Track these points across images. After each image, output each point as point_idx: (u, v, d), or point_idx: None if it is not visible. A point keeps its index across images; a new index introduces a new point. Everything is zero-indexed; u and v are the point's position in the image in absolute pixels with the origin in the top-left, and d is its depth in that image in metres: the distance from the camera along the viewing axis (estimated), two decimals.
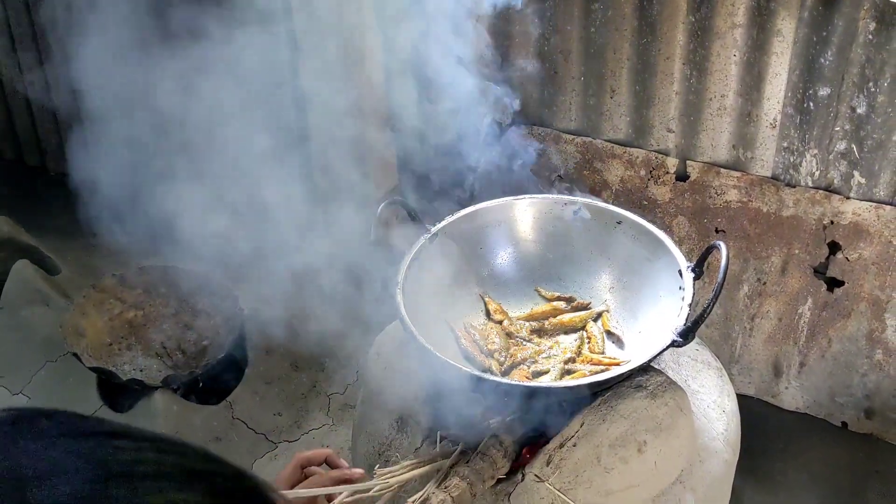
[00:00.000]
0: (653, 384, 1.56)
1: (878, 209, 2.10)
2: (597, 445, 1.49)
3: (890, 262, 2.12)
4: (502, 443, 1.51)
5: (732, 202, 2.27)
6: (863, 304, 2.20)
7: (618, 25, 2.22)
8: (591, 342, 1.69)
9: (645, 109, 2.30)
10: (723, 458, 1.66)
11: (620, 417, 1.51)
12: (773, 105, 2.12)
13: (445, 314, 1.73)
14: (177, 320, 2.23)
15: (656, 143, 2.34)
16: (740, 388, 2.43)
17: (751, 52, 2.08)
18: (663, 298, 1.64)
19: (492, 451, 1.49)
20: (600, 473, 1.49)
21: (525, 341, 1.73)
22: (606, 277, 1.79)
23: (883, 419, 2.27)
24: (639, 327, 1.69)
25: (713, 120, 2.22)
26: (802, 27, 1.98)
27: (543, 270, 1.84)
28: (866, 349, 2.23)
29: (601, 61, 2.29)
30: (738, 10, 2.04)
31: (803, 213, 2.19)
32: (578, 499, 1.48)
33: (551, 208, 1.82)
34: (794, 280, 2.26)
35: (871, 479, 2.15)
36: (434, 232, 1.75)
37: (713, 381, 1.79)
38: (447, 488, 1.38)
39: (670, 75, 2.22)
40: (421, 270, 1.70)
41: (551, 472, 1.49)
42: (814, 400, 2.36)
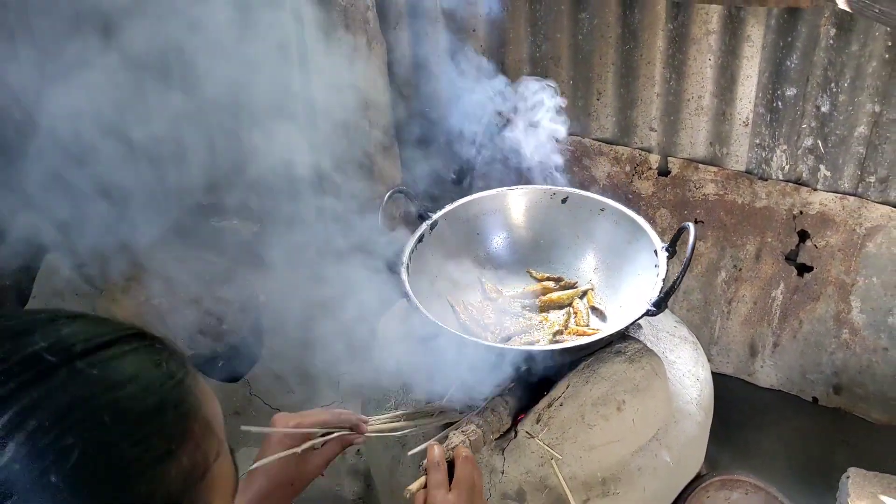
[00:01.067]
0: (631, 350, 1.73)
1: (842, 200, 2.23)
2: (581, 405, 1.66)
3: (854, 248, 2.25)
4: (507, 401, 1.68)
5: (710, 195, 2.42)
6: (830, 288, 2.33)
7: (603, 33, 2.38)
8: (577, 316, 1.86)
9: (629, 110, 2.45)
10: (696, 421, 1.83)
11: (602, 379, 1.68)
12: (746, 105, 2.26)
13: (446, 293, 1.90)
14: (197, 307, 2.41)
15: (640, 142, 2.49)
16: (719, 367, 2.58)
17: (724, 56, 2.22)
18: (641, 276, 1.80)
19: (499, 407, 1.66)
20: (584, 430, 1.66)
21: (518, 317, 1.89)
22: (591, 259, 1.97)
23: (850, 394, 2.41)
24: (619, 302, 1.86)
25: (691, 119, 2.37)
26: (770, 33, 2.13)
27: (534, 253, 2.01)
28: (834, 329, 2.37)
29: (588, 66, 2.45)
30: (711, 18, 2.19)
31: (775, 205, 2.33)
32: (565, 453, 1.64)
33: (541, 197, 2.00)
34: (768, 266, 2.41)
35: (839, 449, 2.30)
36: (435, 219, 1.92)
37: (689, 354, 1.96)
38: (465, 433, 1.54)
39: (652, 78, 2.36)
40: (423, 253, 1.87)
41: (540, 429, 1.66)
42: (787, 377, 2.50)
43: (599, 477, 1.67)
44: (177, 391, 0.66)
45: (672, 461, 1.74)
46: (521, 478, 1.64)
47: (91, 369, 0.61)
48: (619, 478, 1.68)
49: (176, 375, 0.67)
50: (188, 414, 0.66)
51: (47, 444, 0.57)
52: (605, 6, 2.33)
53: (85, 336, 0.64)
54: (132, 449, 0.60)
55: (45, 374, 0.60)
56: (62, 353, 0.61)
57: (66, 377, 0.60)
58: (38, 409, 0.58)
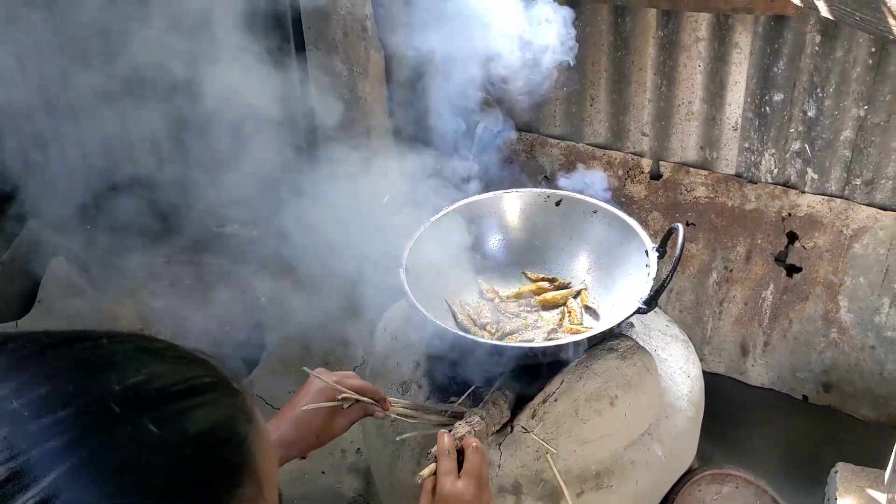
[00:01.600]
0: (623, 347, 1.78)
1: (829, 202, 2.29)
2: (575, 400, 1.71)
3: (841, 249, 2.31)
4: (506, 395, 1.74)
5: (701, 198, 2.48)
6: (819, 288, 2.39)
7: (596, 41, 2.44)
8: (571, 315, 1.91)
9: (621, 116, 2.51)
10: (687, 416, 1.87)
11: (595, 375, 1.73)
12: (735, 110, 2.32)
13: (443, 292, 1.95)
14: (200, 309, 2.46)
15: (632, 146, 2.55)
16: (711, 366, 2.63)
17: (713, 62, 2.28)
18: (633, 275, 1.85)
19: (499, 401, 1.71)
20: (578, 424, 1.71)
21: (513, 316, 1.94)
22: (584, 260, 2.02)
23: (839, 392, 2.47)
24: (612, 301, 1.91)
25: (682, 124, 2.42)
26: (757, 40, 2.18)
27: (529, 255, 2.06)
28: (823, 329, 2.43)
29: (582, 73, 2.51)
30: (700, 26, 2.25)
31: (764, 207, 2.38)
32: (559, 447, 1.69)
33: (535, 200, 2.06)
34: (758, 267, 2.47)
35: (828, 445, 2.35)
36: (432, 221, 1.98)
37: (680, 351, 2.01)
38: (471, 423, 1.60)
39: (643, 85, 2.42)
40: (421, 254, 1.91)
41: (536, 424, 1.70)
42: (777, 376, 2.56)
43: (593, 470, 1.72)
44: (236, 454, 0.65)
45: (664, 455, 1.78)
46: (517, 471, 1.69)
47: (155, 427, 0.60)
48: (612, 471, 1.73)
49: (239, 435, 0.66)
50: (243, 478, 0.65)
51: (101, 499, 0.57)
52: (598, 14, 2.39)
53: (159, 384, 0.63)
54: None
55: (111, 425, 0.59)
56: (133, 403, 0.61)
57: (129, 433, 0.59)
58: (97, 462, 0.58)
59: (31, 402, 0.59)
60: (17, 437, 0.57)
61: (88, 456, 0.58)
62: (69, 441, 0.58)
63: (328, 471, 2.29)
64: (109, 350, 0.65)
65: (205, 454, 0.62)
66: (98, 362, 0.63)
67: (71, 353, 0.63)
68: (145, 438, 0.60)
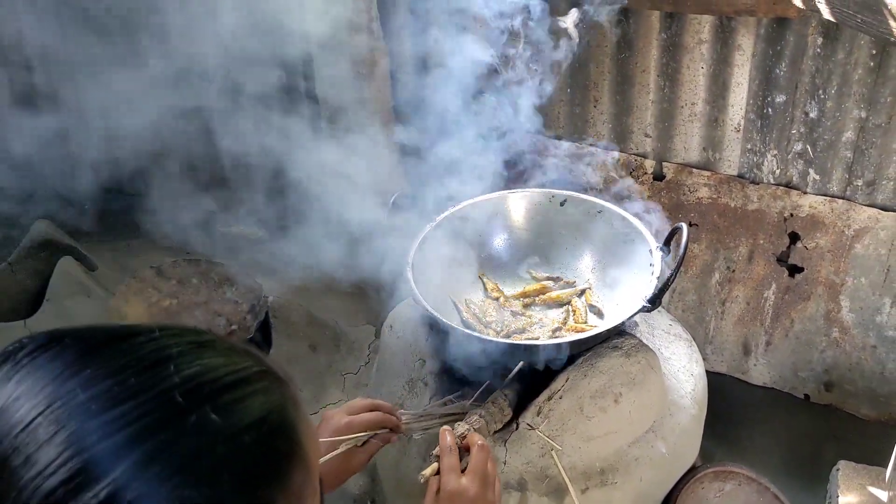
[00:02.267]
0: (627, 345, 1.80)
1: (831, 202, 2.31)
2: (579, 397, 1.73)
3: (843, 249, 2.33)
4: (506, 395, 1.76)
5: (704, 198, 2.50)
6: (820, 288, 2.41)
7: (599, 42, 2.46)
8: (576, 314, 1.93)
9: (625, 117, 2.53)
10: (690, 414, 1.89)
11: (599, 373, 1.75)
12: (737, 111, 2.34)
13: (449, 291, 1.97)
14: (207, 308, 2.47)
15: (635, 147, 2.57)
16: (713, 366, 2.65)
17: (716, 64, 2.31)
18: (637, 275, 1.87)
19: (499, 400, 1.73)
20: (583, 421, 1.72)
21: (518, 315, 1.96)
22: (589, 259, 2.04)
23: (841, 391, 2.49)
24: (616, 300, 1.93)
25: (685, 125, 2.45)
26: (760, 42, 2.21)
27: (534, 254, 2.08)
28: (824, 328, 2.45)
29: (585, 74, 2.54)
30: (703, 28, 2.27)
31: (766, 208, 2.40)
32: (564, 443, 1.71)
33: (541, 200, 2.08)
34: (760, 267, 2.49)
35: (829, 443, 2.37)
36: (439, 220, 2.00)
37: (683, 350, 2.03)
38: (470, 423, 1.62)
39: (646, 86, 2.44)
40: (427, 254, 1.93)
41: (541, 421, 1.72)
42: (779, 375, 2.58)
43: (598, 467, 1.74)
44: (289, 440, 0.67)
45: (667, 452, 1.80)
46: (523, 468, 1.71)
47: (216, 415, 0.62)
48: (616, 468, 1.75)
49: (289, 422, 0.68)
50: (295, 465, 0.67)
51: (167, 492, 0.58)
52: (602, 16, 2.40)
53: (215, 375, 0.65)
54: (241, 502, 0.62)
55: (175, 418, 0.61)
56: (192, 395, 0.62)
57: (193, 424, 0.61)
58: (163, 454, 0.59)
59: (95, 396, 0.60)
60: (84, 432, 0.59)
61: (154, 448, 0.59)
62: (134, 434, 0.59)
63: None
64: (164, 343, 0.66)
65: (261, 441, 0.64)
66: (155, 356, 0.64)
67: (128, 348, 0.65)
68: (207, 427, 0.61)
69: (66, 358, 0.63)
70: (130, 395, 0.61)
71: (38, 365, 0.63)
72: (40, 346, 0.64)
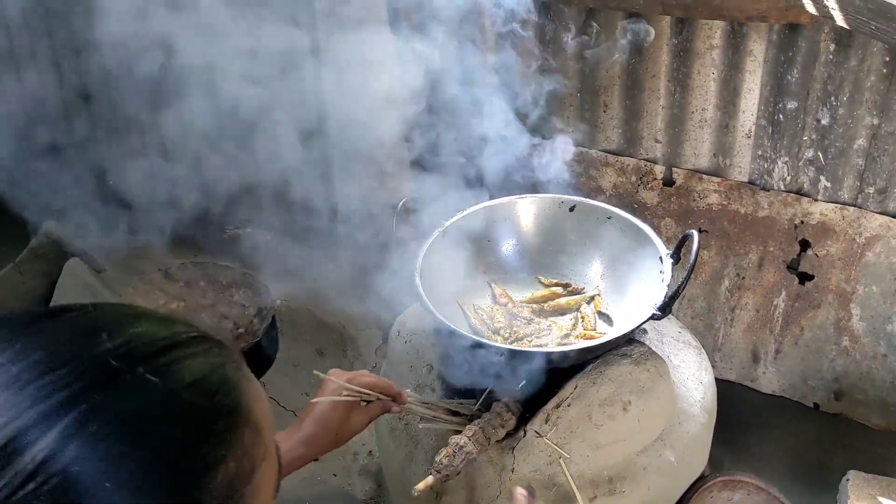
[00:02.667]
0: (636, 353, 1.79)
1: (842, 210, 2.29)
2: (588, 405, 1.72)
3: (854, 257, 2.32)
4: (507, 406, 1.75)
5: (714, 205, 2.48)
6: (831, 296, 2.39)
7: (609, 47, 2.46)
8: (585, 321, 1.92)
9: (635, 122, 2.51)
10: (700, 422, 1.88)
11: (608, 381, 1.74)
12: (748, 117, 2.32)
13: (457, 297, 1.96)
14: (214, 311, 2.47)
15: (645, 153, 2.56)
16: (722, 373, 2.64)
17: (727, 70, 2.29)
18: (647, 281, 1.86)
19: (500, 409, 1.72)
20: (591, 429, 1.72)
21: (527, 321, 1.95)
22: (598, 265, 2.03)
23: (850, 400, 2.47)
24: (626, 307, 1.92)
25: (695, 131, 2.43)
26: (771, 48, 2.19)
27: (543, 260, 2.07)
28: (834, 336, 2.43)
29: (595, 79, 2.53)
30: (714, 33, 2.25)
31: (777, 214, 2.39)
32: (573, 451, 1.70)
33: (550, 206, 2.07)
34: (770, 274, 2.47)
35: (839, 452, 2.35)
36: (447, 226, 1.99)
37: (692, 358, 2.02)
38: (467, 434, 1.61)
39: (657, 91, 2.43)
40: (435, 259, 1.92)
41: (549, 429, 1.72)
42: (789, 383, 2.56)
43: (606, 475, 1.73)
44: (231, 398, 0.67)
45: (676, 461, 1.79)
46: (530, 476, 1.70)
47: (152, 376, 0.62)
48: (624, 476, 1.74)
49: (231, 381, 0.68)
50: (240, 421, 0.67)
51: (104, 451, 0.58)
52: (612, 21, 2.40)
53: (149, 339, 0.65)
54: (185, 459, 0.62)
55: (110, 379, 0.61)
56: (127, 358, 0.63)
57: (128, 384, 0.61)
58: (100, 414, 0.59)
59: (26, 367, 0.60)
60: (16, 401, 0.58)
61: (89, 410, 0.59)
62: (68, 398, 0.59)
63: (340, 473, 2.31)
64: (96, 316, 0.67)
65: (202, 399, 0.65)
66: (88, 327, 0.65)
67: (61, 322, 0.66)
68: (144, 388, 0.62)
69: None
70: (62, 363, 0.61)
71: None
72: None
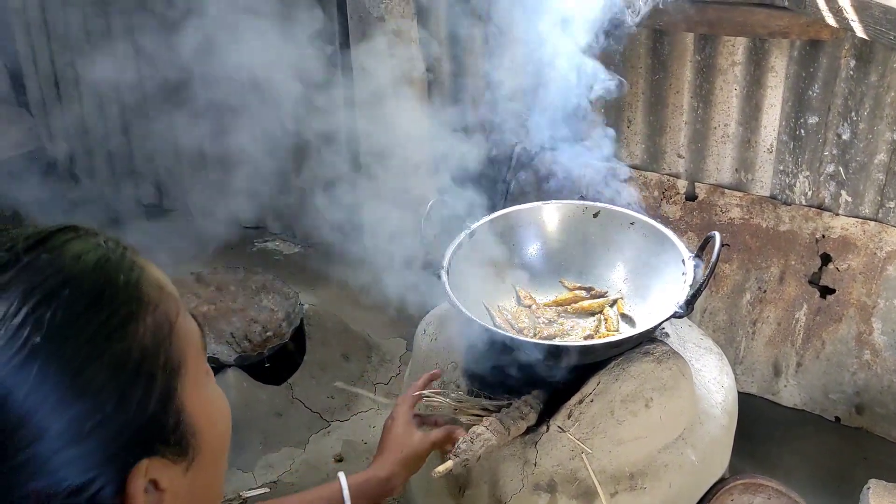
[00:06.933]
0: (658, 352, 1.82)
1: (863, 224, 2.32)
2: (610, 401, 1.75)
3: (875, 271, 2.34)
4: (528, 402, 1.78)
5: (735, 219, 2.52)
6: (852, 310, 2.41)
7: (633, 64, 2.51)
8: (608, 322, 1.95)
9: (658, 137, 2.57)
10: (720, 424, 1.90)
11: (630, 377, 1.77)
12: (770, 133, 2.37)
13: (482, 298, 2.00)
14: (244, 315, 2.53)
15: (668, 167, 2.61)
16: (744, 386, 2.65)
17: (749, 86, 2.34)
18: (670, 284, 1.89)
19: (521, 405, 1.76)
20: (613, 425, 1.74)
21: (551, 323, 1.98)
22: (621, 269, 2.06)
23: (872, 414, 2.47)
24: (648, 309, 1.94)
25: (717, 146, 2.48)
26: (793, 64, 2.25)
27: (566, 264, 2.11)
28: (856, 350, 2.44)
29: (619, 95, 2.58)
30: (737, 50, 2.31)
31: (798, 229, 2.42)
32: (594, 447, 1.72)
33: (574, 211, 2.11)
34: (791, 288, 2.49)
35: (859, 465, 2.35)
36: (474, 228, 2.04)
37: (714, 363, 2.04)
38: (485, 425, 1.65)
39: (680, 107, 2.48)
40: (462, 260, 1.97)
41: (572, 424, 1.74)
42: (810, 397, 2.57)
43: (627, 471, 1.75)
44: (121, 263, 0.73)
45: (697, 460, 1.81)
46: (553, 470, 1.72)
47: (38, 258, 0.68)
48: (646, 473, 1.76)
49: (116, 251, 0.74)
50: (139, 280, 0.72)
51: (21, 321, 0.64)
52: (636, 38, 2.46)
53: (25, 235, 0.70)
54: (96, 315, 0.67)
55: (10, 263, 0.67)
56: (9, 253, 0.68)
57: (18, 270, 0.67)
58: (1, 299, 0.65)
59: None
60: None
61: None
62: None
63: None
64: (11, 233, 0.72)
65: (93, 266, 0.70)
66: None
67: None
68: (35, 268, 0.67)
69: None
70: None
71: None
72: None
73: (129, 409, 0.68)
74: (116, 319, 0.68)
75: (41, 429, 0.63)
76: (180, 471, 0.74)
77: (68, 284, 0.67)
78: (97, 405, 0.66)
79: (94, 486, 0.66)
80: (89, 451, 0.66)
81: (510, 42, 2.54)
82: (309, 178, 2.95)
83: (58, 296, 0.66)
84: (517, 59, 2.52)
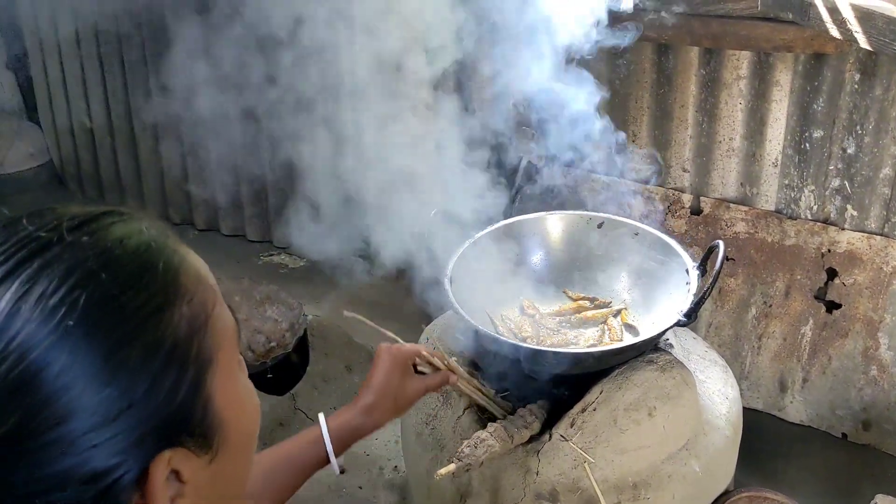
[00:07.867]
0: (662, 361, 1.81)
1: (869, 239, 2.31)
2: (613, 409, 1.74)
3: (881, 286, 2.33)
4: (532, 410, 1.78)
5: (741, 233, 2.52)
6: (858, 325, 2.39)
7: (639, 78, 2.53)
8: (612, 332, 1.95)
9: (663, 151, 2.57)
10: (724, 435, 1.88)
11: (634, 386, 1.76)
12: (775, 147, 2.38)
13: (485, 307, 2.00)
14: (248, 325, 2.53)
15: (673, 182, 2.61)
16: (749, 402, 2.62)
17: (754, 100, 2.35)
18: (673, 294, 1.89)
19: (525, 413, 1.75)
20: (616, 434, 1.73)
21: (553, 331, 1.98)
22: (625, 279, 2.06)
23: (879, 430, 2.44)
24: (652, 319, 1.94)
25: (723, 160, 2.48)
26: (798, 78, 2.26)
27: (570, 274, 2.11)
28: (862, 366, 2.42)
29: (625, 109, 2.59)
30: (742, 64, 2.33)
31: (803, 243, 2.41)
32: (597, 456, 1.71)
33: (578, 221, 2.11)
34: (797, 303, 2.48)
35: (865, 482, 2.32)
36: (477, 237, 2.04)
37: (718, 374, 2.03)
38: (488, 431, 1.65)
39: (685, 121, 2.49)
40: (465, 269, 1.97)
41: (574, 433, 1.73)
42: (816, 413, 2.54)
43: (630, 481, 1.73)
44: (163, 250, 0.72)
45: (701, 471, 1.79)
46: (555, 479, 1.71)
47: (81, 239, 0.68)
48: (649, 483, 1.74)
49: (159, 238, 0.73)
50: (178, 268, 0.72)
51: (58, 301, 0.64)
52: (641, 52, 2.48)
53: (70, 216, 0.71)
54: (132, 300, 0.67)
55: (41, 249, 0.67)
56: (53, 232, 0.68)
57: (60, 249, 0.67)
58: (41, 277, 0.65)
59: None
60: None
61: (28, 277, 0.65)
62: (6, 272, 0.65)
63: (365, 486, 2.32)
64: (11, 213, 0.73)
65: (133, 251, 0.70)
66: (6, 219, 0.71)
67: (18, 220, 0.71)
68: (77, 249, 0.68)
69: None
70: (7, 238, 0.68)
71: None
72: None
73: (158, 396, 0.68)
74: (152, 306, 0.68)
75: (70, 409, 0.63)
76: (203, 463, 0.73)
77: (108, 267, 0.67)
78: (127, 390, 0.66)
79: (115, 472, 0.66)
80: (115, 435, 0.65)
81: (518, 55, 2.56)
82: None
83: (96, 278, 0.66)
84: (524, 72, 2.54)
